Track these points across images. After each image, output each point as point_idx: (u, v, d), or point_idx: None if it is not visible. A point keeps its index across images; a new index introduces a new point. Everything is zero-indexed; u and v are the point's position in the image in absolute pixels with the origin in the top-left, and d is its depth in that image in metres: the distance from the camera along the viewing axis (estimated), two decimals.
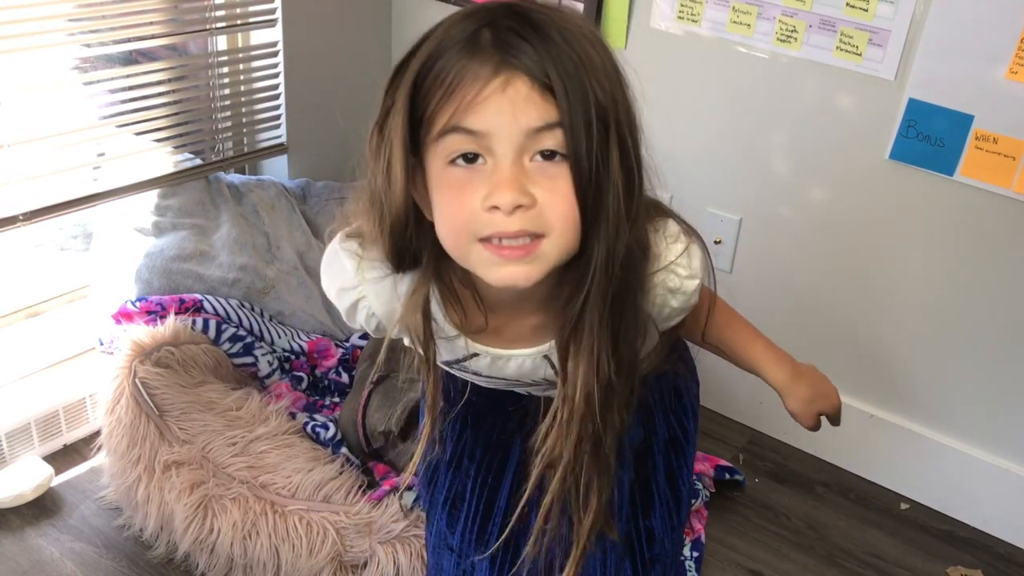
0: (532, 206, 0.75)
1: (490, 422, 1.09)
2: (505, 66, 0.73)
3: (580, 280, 0.80)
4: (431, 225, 0.81)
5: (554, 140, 0.75)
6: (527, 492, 0.93)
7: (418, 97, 0.76)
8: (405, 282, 0.87)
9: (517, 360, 0.92)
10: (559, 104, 0.73)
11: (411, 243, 0.82)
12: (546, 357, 0.91)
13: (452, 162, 0.76)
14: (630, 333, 0.85)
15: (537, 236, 0.76)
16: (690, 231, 0.91)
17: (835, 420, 1.11)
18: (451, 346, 0.91)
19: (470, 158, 0.75)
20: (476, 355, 0.92)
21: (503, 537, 1.10)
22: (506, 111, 0.73)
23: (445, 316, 0.89)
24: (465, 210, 0.76)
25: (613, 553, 1.10)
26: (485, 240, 0.77)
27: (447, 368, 0.97)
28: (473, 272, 0.81)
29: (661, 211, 0.90)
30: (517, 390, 1.03)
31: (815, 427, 1.09)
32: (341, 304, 0.92)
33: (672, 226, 0.90)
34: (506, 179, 0.74)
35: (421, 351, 0.88)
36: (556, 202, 0.75)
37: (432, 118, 0.76)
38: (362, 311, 0.91)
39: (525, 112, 0.73)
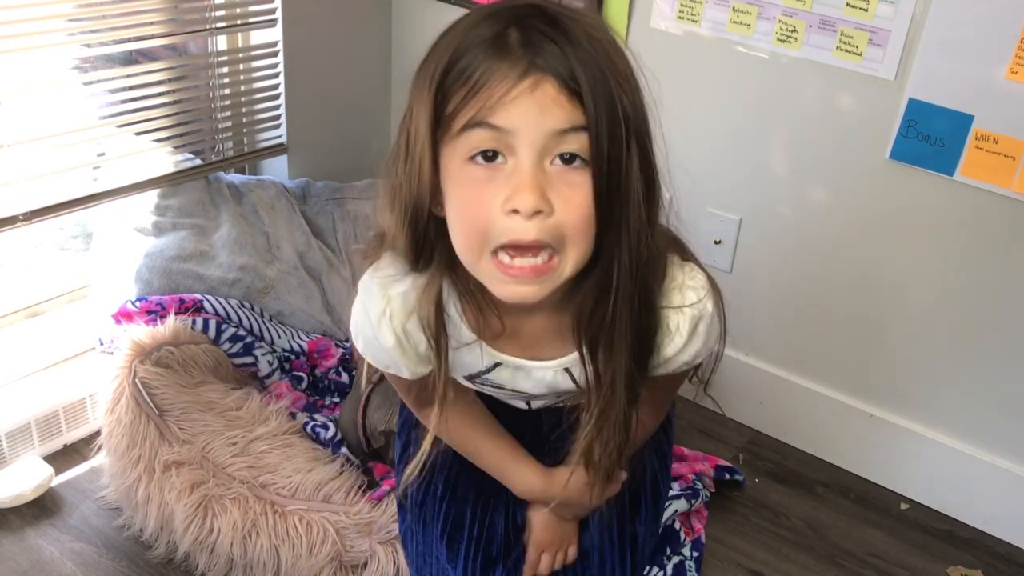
0: (550, 214, 0.75)
1: None
2: (534, 68, 0.73)
3: (603, 288, 0.81)
4: (445, 222, 0.81)
5: (577, 143, 0.74)
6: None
7: (440, 95, 0.75)
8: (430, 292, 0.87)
9: (539, 373, 0.91)
10: (586, 108, 0.73)
11: (429, 235, 0.82)
12: (567, 370, 0.91)
13: (471, 159, 0.76)
14: (650, 332, 0.87)
15: (551, 253, 0.76)
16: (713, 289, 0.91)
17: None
18: (471, 356, 0.90)
19: (490, 156, 0.75)
20: (498, 365, 0.91)
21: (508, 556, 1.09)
22: (533, 111, 0.73)
23: (462, 318, 0.88)
24: (483, 213, 0.76)
25: (606, 562, 1.10)
26: (495, 254, 0.77)
27: (470, 384, 0.96)
28: (475, 273, 0.81)
29: (692, 257, 0.92)
30: (531, 403, 1.02)
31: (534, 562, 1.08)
32: (383, 337, 0.88)
33: (699, 276, 0.90)
34: (528, 182, 0.74)
35: (433, 343, 0.87)
36: (573, 212, 0.76)
37: (454, 115, 0.75)
38: (399, 331, 0.88)
39: (552, 113, 0.73)
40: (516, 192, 0.74)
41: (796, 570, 1.76)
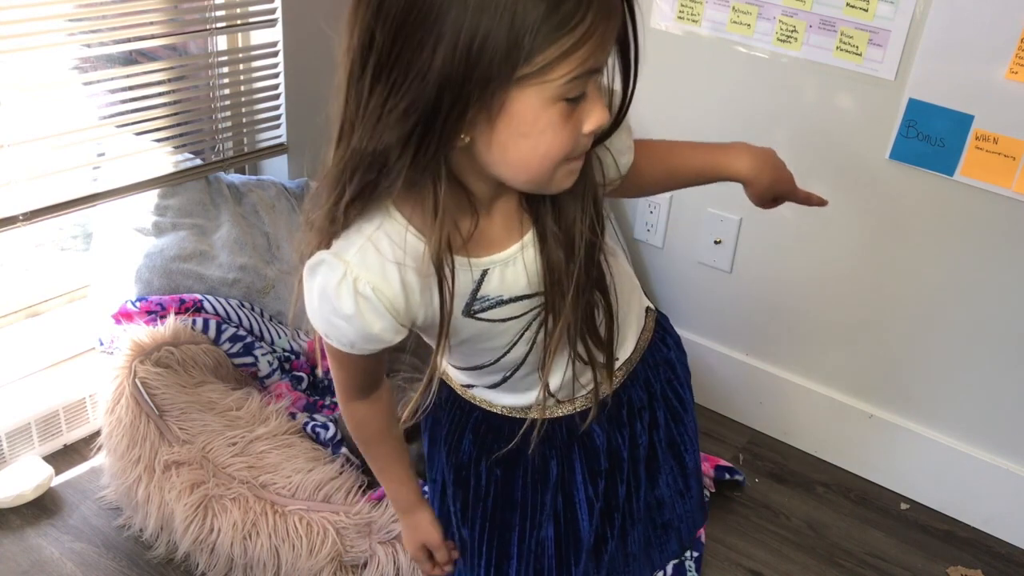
0: None
1: (522, 465, 1.05)
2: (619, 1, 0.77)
3: None
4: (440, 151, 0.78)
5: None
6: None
7: (535, 42, 0.72)
8: (382, 240, 0.84)
9: (526, 255, 0.90)
10: (632, 23, 0.80)
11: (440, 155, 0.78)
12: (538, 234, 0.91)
13: (560, 100, 0.76)
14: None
15: None
16: None
17: (793, 197, 1.10)
18: (458, 283, 0.87)
19: (581, 96, 0.78)
20: (486, 272, 0.89)
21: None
22: (612, 43, 0.78)
23: (425, 241, 0.84)
24: (570, 139, 0.79)
25: (633, 528, 1.10)
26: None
27: (471, 320, 0.92)
28: (538, 188, 0.83)
29: None
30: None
31: (770, 206, 1.10)
32: (342, 303, 0.84)
33: None
34: (602, 104, 0.79)
35: (437, 273, 0.84)
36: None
37: (554, 64, 0.73)
38: (366, 292, 0.84)
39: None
40: (601, 115, 0.79)
41: (796, 570, 1.76)
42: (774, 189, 1.06)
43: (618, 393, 1.05)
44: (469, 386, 1.05)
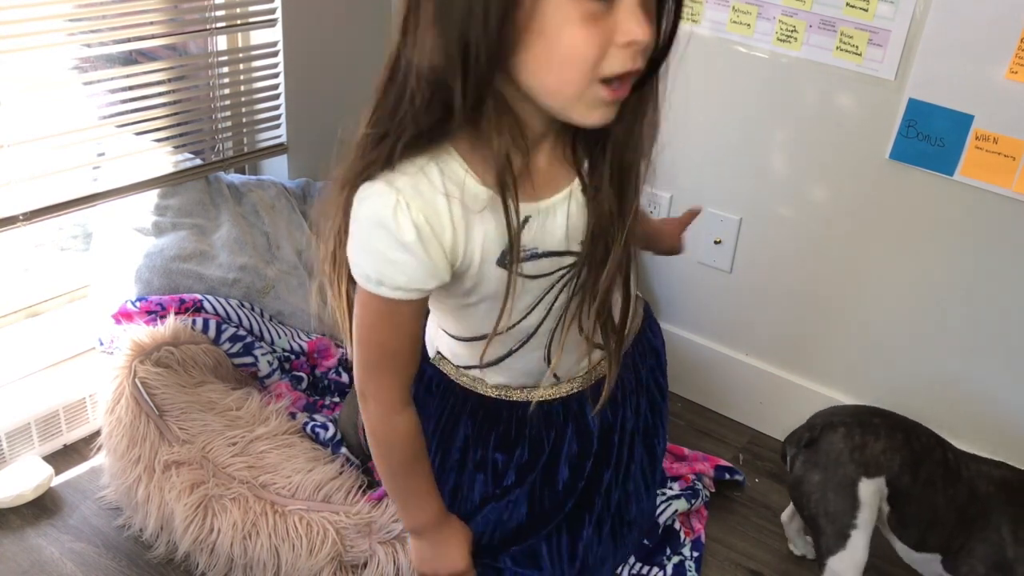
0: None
1: (521, 447, 1.04)
2: None
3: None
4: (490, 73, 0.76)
5: None
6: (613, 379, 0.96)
7: None
8: (433, 171, 0.82)
9: (568, 206, 0.88)
10: None
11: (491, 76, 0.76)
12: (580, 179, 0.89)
13: None
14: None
15: None
16: None
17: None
18: (496, 219, 0.84)
19: None
20: (527, 220, 0.86)
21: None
22: None
23: (477, 179, 0.82)
24: (599, 47, 0.75)
25: (599, 525, 1.09)
26: (605, 81, 0.76)
27: (503, 267, 0.89)
28: (561, 114, 0.80)
29: None
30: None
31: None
32: (403, 231, 0.81)
33: None
34: (642, 14, 0.74)
35: (500, 191, 0.81)
36: (653, 36, 0.78)
37: None
38: (418, 220, 0.81)
39: None
40: (637, 24, 0.74)
41: (796, 570, 1.76)
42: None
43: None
44: (467, 367, 1.02)
